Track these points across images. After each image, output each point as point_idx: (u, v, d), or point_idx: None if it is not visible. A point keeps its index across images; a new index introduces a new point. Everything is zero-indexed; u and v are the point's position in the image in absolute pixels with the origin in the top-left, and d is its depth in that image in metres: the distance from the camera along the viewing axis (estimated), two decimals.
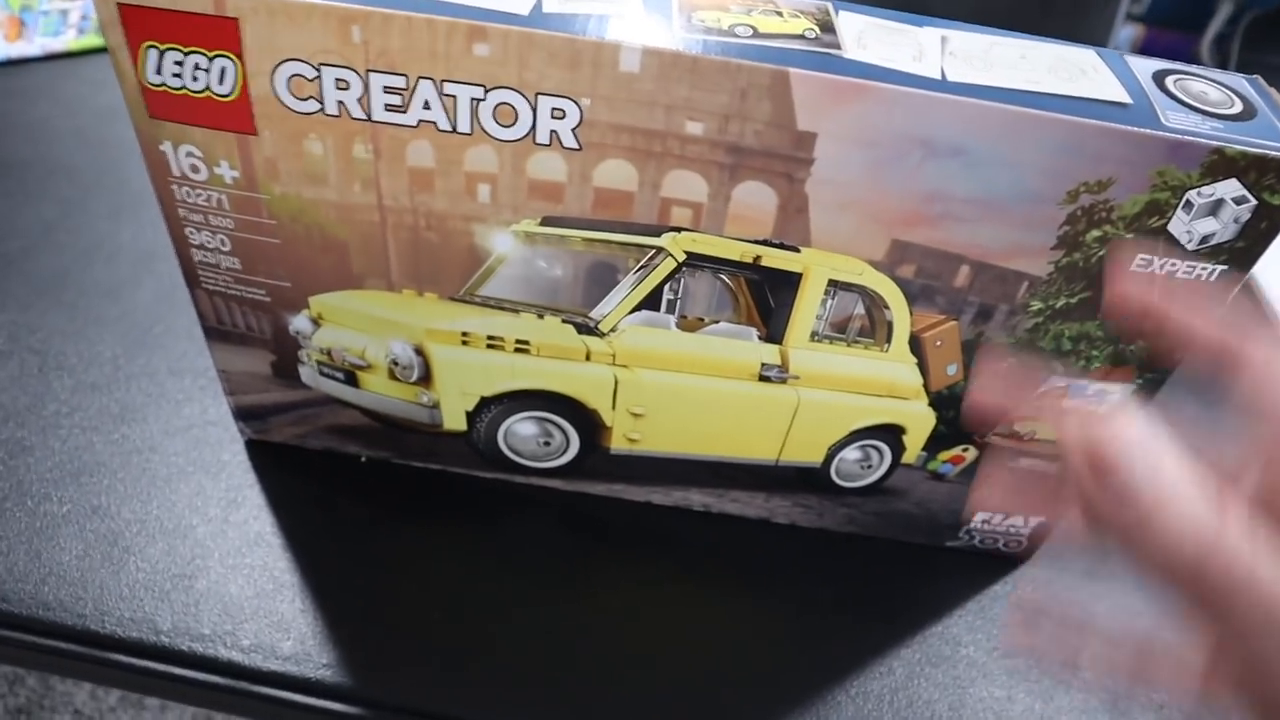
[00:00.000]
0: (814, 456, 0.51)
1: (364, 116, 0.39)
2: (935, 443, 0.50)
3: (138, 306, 0.64)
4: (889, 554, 0.57)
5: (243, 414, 0.55)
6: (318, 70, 0.38)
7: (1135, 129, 0.37)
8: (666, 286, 0.44)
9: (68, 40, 0.83)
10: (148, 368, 0.61)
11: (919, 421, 0.48)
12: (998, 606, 0.55)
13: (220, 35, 0.37)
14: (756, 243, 0.42)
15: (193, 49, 0.38)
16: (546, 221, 0.42)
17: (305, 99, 0.39)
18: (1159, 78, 0.41)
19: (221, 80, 0.38)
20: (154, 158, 0.42)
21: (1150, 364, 0.45)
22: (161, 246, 0.65)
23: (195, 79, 0.38)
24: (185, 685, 0.48)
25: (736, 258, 0.42)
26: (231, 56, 0.38)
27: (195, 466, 0.56)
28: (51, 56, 0.83)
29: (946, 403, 0.48)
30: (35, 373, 0.60)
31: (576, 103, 0.38)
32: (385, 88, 0.38)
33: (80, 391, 0.59)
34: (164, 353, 0.62)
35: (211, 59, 0.38)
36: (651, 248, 0.42)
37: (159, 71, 0.38)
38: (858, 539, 0.57)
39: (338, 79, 0.38)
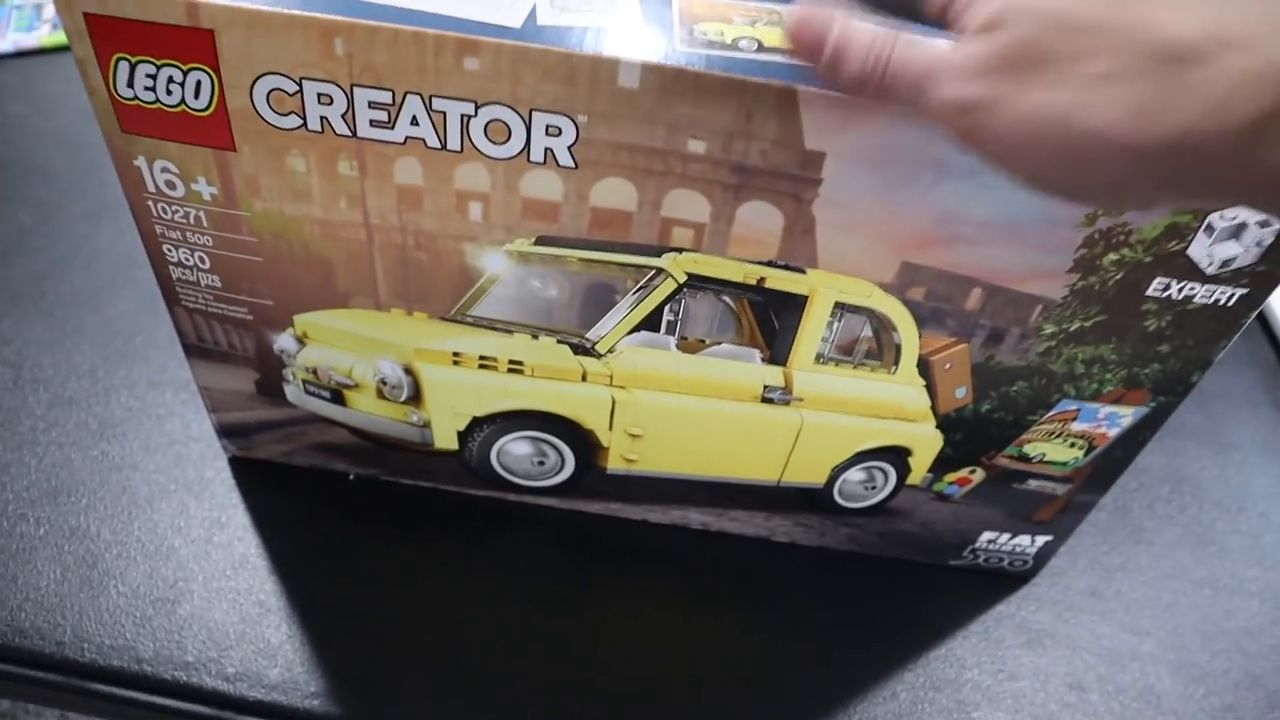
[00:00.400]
0: (817, 478, 0.49)
1: (349, 133, 0.37)
2: (942, 464, 0.48)
3: (117, 315, 0.62)
4: (890, 572, 0.55)
5: (226, 431, 0.53)
6: (299, 84, 0.36)
7: None
8: (666, 308, 0.42)
9: (41, 36, 0.80)
10: (128, 380, 0.59)
11: (926, 444, 0.47)
12: (1003, 628, 0.54)
13: (195, 47, 0.35)
14: (761, 264, 0.40)
15: (166, 61, 0.35)
16: (541, 241, 0.40)
17: (286, 114, 0.37)
18: None
19: (197, 94, 0.36)
20: (128, 173, 0.40)
21: (1164, 387, 0.44)
22: (142, 252, 0.63)
23: (169, 93, 0.36)
24: (168, 716, 0.47)
25: (740, 279, 0.40)
26: (207, 70, 0.35)
27: (177, 485, 0.54)
28: (24, 53, 0.80)
29: (955, 425, 0.46)
30: (10, 385, 0.58)
31: (573, 119, 0.36)
32: (370, 103, 0.36)
33: (57, 405, 0.57)
34: (145, 364, 0.60)
35: (186, 72, 0.36)
36: (651, 268, 0.40)
37: (130, 84, 0.36)
38: (858, 555, 0.55)
39: (320, 94, 0.36)
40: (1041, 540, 0.53)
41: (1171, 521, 0.61)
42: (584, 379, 0.45)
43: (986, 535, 0.53)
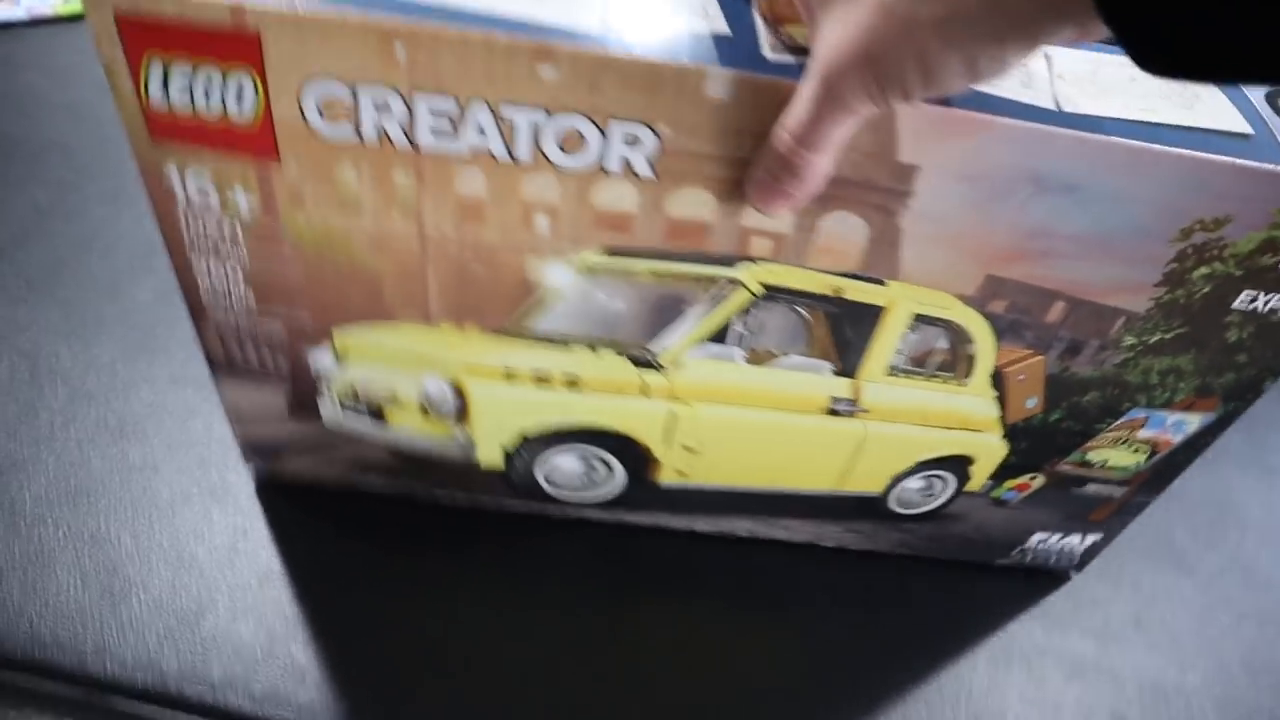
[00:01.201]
0: (875, 486, 0.48)
1: (407, 143, 0.34)
2: (1003, 471, 0.47)
3: (138, 305, 0.59)
4: (935, 573, 0.54)
5: (253, 449, 0.50)
6: (354, 92, 0.33)
7: (1265, 166, 0.34)
8: (737, 319, 0.40)
9: (57, 4, 0.74)
10: (148, 375, 0.56)
11: (990, 452, 0.46)
12: (1046, 659, 0.52)
13: (238, 51, 0.32)
14: (839, 275, 0.38)
15: (204, 61, 0.32)
16: (610, 251, 0.38)
17: (338, 123, 0.34)
18: (1272, 99, 0.37)
19: (239, 100, 0.33)
20: (155, 183, 0.36)
21: (1235, 394, 0.43)
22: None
23: (207, 97, 0.33)
24: None
25: (816, 290, 0.38)
26: (252, 74, 0.32)
27: (200, 489, 0.52)
28: (40, 21, 0.74)
29: (1021, 434, 0.45)
30: (26, 378, 0.55)
31: (654, 130, 0.33)
32: (432, 111, 0.33)
33: (76, 400, 0.54)
34: (166, 358, 0.57)
35: (226, 76, 0.32)
36: (725, 279, 0.38)
37: (164, 89, 0.33)
38: (901, 568, 0.54)
39: (377, 102, 0.33)
40: (1091, 539, 0.53)
41: (1215, 549, 0.60)
42: (643, 392, 0.43)
43: (1038, 536, 0.52)
